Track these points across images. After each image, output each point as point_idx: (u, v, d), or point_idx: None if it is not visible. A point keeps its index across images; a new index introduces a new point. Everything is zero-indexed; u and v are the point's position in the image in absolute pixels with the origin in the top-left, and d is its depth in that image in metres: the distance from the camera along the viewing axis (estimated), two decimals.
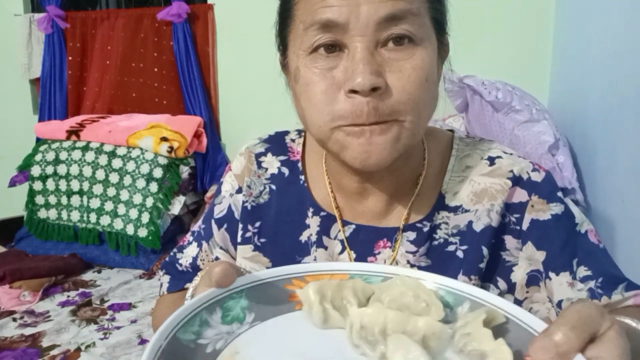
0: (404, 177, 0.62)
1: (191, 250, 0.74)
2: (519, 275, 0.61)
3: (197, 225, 0.75)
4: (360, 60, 0.50)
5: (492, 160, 0.62)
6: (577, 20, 1.81)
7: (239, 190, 0.70)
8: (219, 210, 0.71)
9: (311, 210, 0.65)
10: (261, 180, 0.69)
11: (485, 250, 0.60)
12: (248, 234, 0.68)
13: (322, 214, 0.65)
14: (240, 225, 0.69)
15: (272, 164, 0.69)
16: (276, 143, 0.71)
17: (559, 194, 0.61)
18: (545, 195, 0.60)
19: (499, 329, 0.39)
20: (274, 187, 0.68)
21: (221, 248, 0.71)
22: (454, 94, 1.89)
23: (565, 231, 0.60)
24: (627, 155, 1.32)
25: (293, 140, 0.71)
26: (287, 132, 0.73)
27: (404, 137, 0.52)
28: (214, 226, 0.71)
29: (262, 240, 0.67)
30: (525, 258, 0.60)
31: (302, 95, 0.55)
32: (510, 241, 0.61)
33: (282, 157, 0.70)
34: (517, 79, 1.87)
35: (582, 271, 0.58)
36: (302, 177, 0.68)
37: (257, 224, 0.68)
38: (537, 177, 0.61)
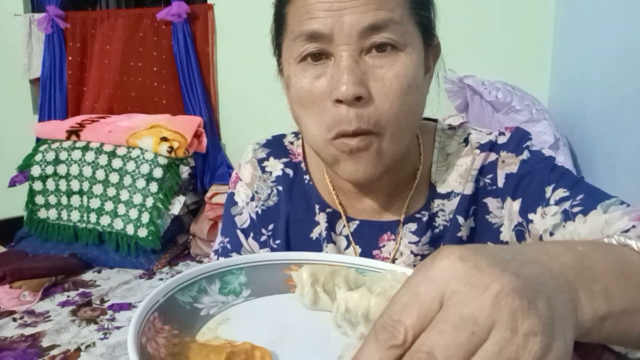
0: (401, 174, 0.64)
1: None
2: (506, 234, 0.62)
3: (217, 243, 0.74)
4: (345, 68, 0.52)
5: (466, 141, 0.65)
6: (577, 20, 1.81)
7: (253, 198, 0.71)
8: (242, 221, 0.72)
9: (317, 207, 0.68)
10: (267, 183, 0.71)
11: (461, 219, 0.62)
12: (263, 238, 0.70)
13: (328, 210, 0.67)
14: (257, 231, 0.70)
15: (276, 166, 0.71)
16: (276, 146, 0.73)
17: (528, 143, 0.63)
18: (513, 149, 0.62)
19: None
20: (280, 188, 0.70)
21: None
22: (454, 94, 1.89)
23: (536, 169, 0.60)
24: (627, 155, 1.32)
25: (292, 143, 0.73)
26: (284, 135, 0.74)
27: (385, 149, 0.55)
28: (241, 236, 0.72)
29: (277, 241, 0.69)
30: (507, 215, 0.62)
31: (295, 104, 0.57)
32: (491, 202, 0.63)
33: (285, 160, 0.71)
34: (517, 79, 1.87)
35: (560, 193, 0.57)
36: (307, 177, 0.70)
37: (270, 227, 0.70)
38: (504, 138, 0.64)
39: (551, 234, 0.55)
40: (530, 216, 0.59)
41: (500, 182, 0.62)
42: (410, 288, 0.28)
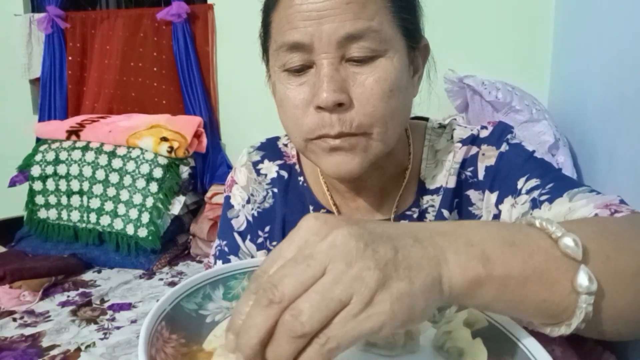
0: (390, 172, 0.65)
1: None
2: None
3: (214, 247, 0.75)
4: (325, 76, 0.52)
5: (452, 137, 0.67)
6: (577, 20, 1.81)
7: (249, 201, 0.72)
8: (239, 224, 0.72)
9: (311, 208, 0.68)
10: (262, 186, 0.71)
11: (446, 212, 0.64)
12: (260, 240, 0.71)
13: (323, 211, 0.68)
14: (253, 233, 0.71)
15: (270, 169, 0.72)
16: (270, 149, 0.74)
17: (507, 136, 0.64)
18: (494, 142, 0.63)
19: (480, 332, 0.40)
20: (275, 190, 0.71)
21: (252, 257, 0.73)
22: (454, 94, 1.89)
23: (512, 161, 0.61)
24: (627, 155, 1.32)
25: (286, 145, 0.74)
26: (278, 138, 0.75)
27: (372, 147, 0.55)
28: (238, 239, 0.72)
29: (274, 243, 0.70)
30: (485, 207, 0.63)
31: (280, 109, 0.59)
32: (473, 195, 0.64)
33: (279, 162, 0.72)
34: (517, 79, 1.87)
35: (532, 183, 0.57)
36: (301, 178, 0.71)
37: (267, 229, 0.71)
38: (485, 133, 0.65)
39: None
40: (500, 207, 0.60)
41: (481, 175, 0.63)
42: (277, 249, 0.33)
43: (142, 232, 2.14)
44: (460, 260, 0.33)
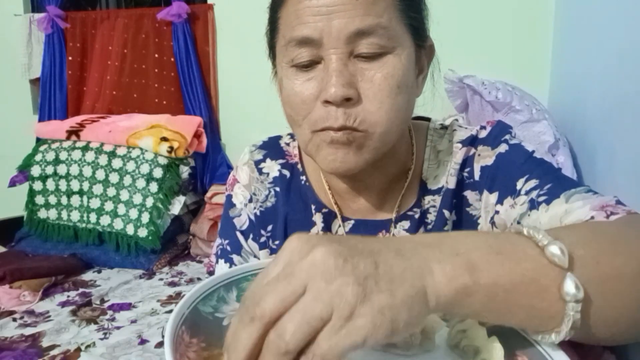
0: (391, 173, 0.65)
1: (223, 269, 0.74)
2: (484, 226, 0.63)
3: (216, 246, 0.75)
4: (334, 71, 0.53)
5: (452, 138, 0.67)
6: (577, 20, 1.81)
7: (251, 200, 0.72)
8: (241, 223, 0.72)
9: (314, 207, 0.68)
10: (264, 185, 0.71)
11: (447, 213, 0.64)
12: (263, 239, 0.71)
13: (324, 210, 0.68)
14: (256, 232, 0.71)
15: (272, 168, 0.72)
16: (272, 148, 0.73)
17: (506, 137, 0.63)
18: (490, 143, 0.64)
19: (493, 330, 0.40)
20: (278, 189, 0.71)
21: (255, 256, 0.73)
22: (454, 94, 1.89)
23: (511, 162, 0.61)
24: (627, 155, 1.32)
25: (288, 144, 0.74)
26: (279, 137, 0.75)
27: (369, 146, 0.55)
28: (241, 237, 0.72)
29: (277, 242, 0.70)
30: (483, 207, 0.63)
31: (287, 105, 0.59)
32: (470, 195, 0.64)
33: (281, 161, 0.72)
34: (517, 79, 1.87)
35: (531, 183, 0.57)
36: (304, 178, 0.70)
37: (269, 228, 0.71)
38: (484, 133, 0.65)
39: (518, 222, 0.56)
40: (497, 207, 0.60)
41: (477, 175, 0.63)
42: (264, 270, 0.34)
43: (142, 232, 2.14)
44: (446, 269, 0.33)
